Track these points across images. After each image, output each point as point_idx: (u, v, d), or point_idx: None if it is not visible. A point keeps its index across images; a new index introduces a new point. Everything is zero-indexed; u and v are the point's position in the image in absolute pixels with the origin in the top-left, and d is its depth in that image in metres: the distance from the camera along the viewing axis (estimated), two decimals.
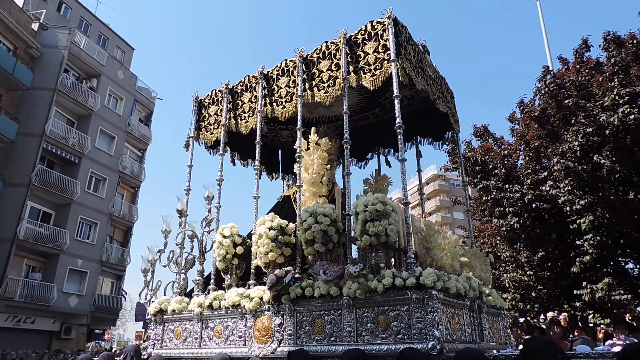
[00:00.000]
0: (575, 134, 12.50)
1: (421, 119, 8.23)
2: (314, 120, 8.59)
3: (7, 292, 21.86)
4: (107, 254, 27.71)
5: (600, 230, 12.76)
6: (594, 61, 13.57)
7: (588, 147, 12.31)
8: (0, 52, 23.12)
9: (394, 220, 5.47)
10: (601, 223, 12.60)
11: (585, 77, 13.16)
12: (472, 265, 6.68)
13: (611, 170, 12.02)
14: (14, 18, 24.60)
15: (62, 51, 26.35)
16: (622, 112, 11.59)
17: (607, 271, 13.16)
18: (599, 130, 12.05)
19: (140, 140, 31.49)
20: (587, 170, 12.43)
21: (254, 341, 6.19)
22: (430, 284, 5.03)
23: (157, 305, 7.64)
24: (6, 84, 23.96)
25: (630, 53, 12.58)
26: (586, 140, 12.26)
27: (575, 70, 13.74)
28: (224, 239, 6.75)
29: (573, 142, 12.45)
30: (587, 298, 13.02)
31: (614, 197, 12.09)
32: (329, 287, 5.53)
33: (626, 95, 11.72)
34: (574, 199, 12.73)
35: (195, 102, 8.90)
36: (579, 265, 13.08)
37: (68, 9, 30.94)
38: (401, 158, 6.06)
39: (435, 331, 4.92)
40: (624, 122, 11.58)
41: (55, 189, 24.68)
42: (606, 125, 11.86)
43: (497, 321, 6.80)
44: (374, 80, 6.41)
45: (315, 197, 6.70)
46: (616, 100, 11.85)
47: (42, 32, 26.53)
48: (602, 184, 12.38)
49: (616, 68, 12.40)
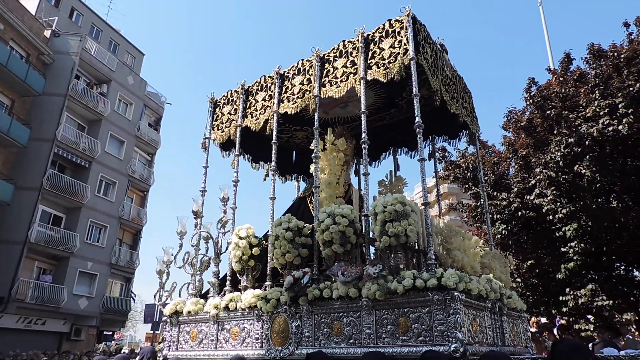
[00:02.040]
0: (558, 144, 12.53)
1: (437, 119, 8.06)
2: (330, 121, 8.46)
3: (18, 293, 21.75)
4: (116, 257, 27.58)
5: (585, 237, 12.77)
6: (577, 73, 13.56)
7: (570, 157, 12.34)
8: (13, 59, 23.08)
9: (413, 221, 5.33)
10: (585, 231, 12.63)
11: (570, 88, 13.17)
12: (491, 267, 6.52)
13: (592, 180, 12.07)
14: (27, 26, 24.61)
15: (73, 58, 26.29)
16: (602, 123, 11.64)
17: (591, 277, 13.22)
18: (579, 140, 12.09)
19: (149, 144, 31.39)
20: (569, 180, 12.48)
21: (271, 343, 6.04)
22: (452, 285, 4.88)
23: (172, 306, 7.51)
24: (19, 90, 23.94)
25: (611, 65, 12.65)
26: (568, 150, 12.30)
27: (559, 83, 13.75)
28: (240, 240, 6.63)
29: (555, 153, 12.50)
30: (572, 304, 13.18)
31: (595, 206, 12.11)
32: (347, 289, 5.39)
33: (606, 107, 11.74)
34: (557, 208, 12.80)
35: (211, 102, 8.80)
36: (564, 272, 13.10)
37: (80, 16, 30.94)
38: (420, 157, 5.91)
39: (458, 333, 4.77)
40: (603, 133, 11.61)
41: (66, 192, 24.62)
42: (586, 136, 11.91)
43: (518, 324, 6.63)
44: (387, 74, 6.27)
45: (332, 198, 6.57)
46: (597, 112, 11.89)
47: (54, 39, 26.50)
48: (584, 193, 12.42)
49: (597, 80, 12.43)
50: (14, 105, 24.07)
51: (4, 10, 23.10)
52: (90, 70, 27.65)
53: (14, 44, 24.07)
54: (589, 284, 12.92)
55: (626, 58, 12.40)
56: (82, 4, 31.44)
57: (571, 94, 13.02)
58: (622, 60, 12.47)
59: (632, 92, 11.50)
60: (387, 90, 7.43)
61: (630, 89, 11.55)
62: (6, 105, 23.83)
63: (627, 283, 13.25)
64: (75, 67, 26.17)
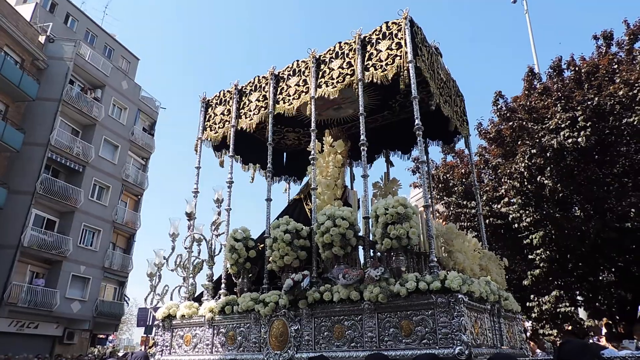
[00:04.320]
0: (523, 155, 12.62)
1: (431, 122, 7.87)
2: (322, 123, 8.20)
3: (11, 297, 21.30)
4: (109, 261, 27.05)
5: (550, 245, 12.81)
6: (541, 87, 13.67)
7: (534, 168, 12.46)
8: (7, 64, 22.67)
9: (415, 223, 5.11)
10: (551, 238, 12.68)
11: (536, 101, 13.28)
12: (488, 269, 6.31)
13: (553, 190, 12.17)
14: (21, 32, 24.23)
15: (67, 63, 25.87)
16: (562, 135, 11.77)
17: (557, 284, 13.31)
18: (541, 152, 12.21)
19: (143, 149, 30.87)
20: (532, 190, 12.59)
21: (269, 347, 5.77)
22: (456, 287, 4.67)
23: (165, 310, 7.19)
24: (12, 96, 23.55)
25: (572, 79, 12.92)
26: (533, 161, 12.40)
27: (524, 96, 13.94)
28: (237, 243, 6.34)
29: (520, 164, 12.62)
30: (537, 310, 13.36)
31: (558, 215, 12.16)
32: (349, 292, 5.15)
33: (567, 120, 11.88)
34: (521, 216, 12.89)
35: (203, 102, 8.50)
36: (530, 279, 13.13)
37: (75, 21, 30.47)
38: (421, 160, 5.71)
39: (463, 336, 4.55)
40: (564, 145, 11.74)
41: (59, 197, 24.16)
42: (547, 148, 12.02)
43: (513, 326, 6.44)
44: (384, 76, 6.07)
45: (330, 200, 6.33)
46: (559, 124, 12.02)
47: (48, 44, 26.08)
48: (547, 203, 12.52)
49: (559, 94, 12.60)
50: (8, 110, 23.65)
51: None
52: (84, 75, 27.23)
53: (9, 49, 23.67)
54: (553, 290, 13.13)
55: (586, 72, 12.66)
56: (77, 9, 31.00)
57: (539, 106, 13.14)
58: (583, 75, 12.72)
59: (590, 105, 11.68)
60: (380, 92, 7.22)
61: (589, 102, 11.74)
62: (0, 110, 23.39)
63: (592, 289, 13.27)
64: (69, 72, 25.78)
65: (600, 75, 12.41)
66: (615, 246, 11.76)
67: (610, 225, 11.50)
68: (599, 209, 11.97)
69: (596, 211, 12.02)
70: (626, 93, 11.51)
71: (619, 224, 11.50)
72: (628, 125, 11.48)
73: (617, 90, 11.64)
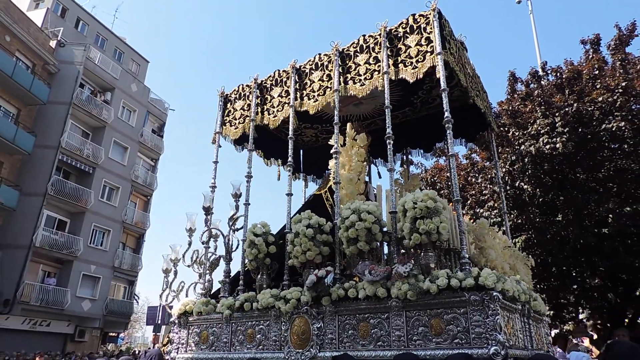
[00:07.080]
0: (504, 161, 12.42)
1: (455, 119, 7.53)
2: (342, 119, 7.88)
3: (23, 296, 21.19)
4: (119, 260, 26.75)
5: (533, 249, 12.57)
6: (523, 93, 13.45)
7: (515, 173, 12.30)
8: (19, 69, 22.45)
9: (445, 218, 4.76)
10: (533, 242, 12.51)
11: (518, 106, 13.08)
12: (516, 268, 5.95)
13: (532, 195, 11.99)
14: (32, 37, 24.00)
15: (77, 67, 25.60)
16: (541, 141, 11.62)
17: (540, 288, 13.04)
18: (520, 158, 12.04)
19: (152, 150, 30.53)
20: (512, 195, 12.41)
21: (290, 345, 5.42)
22: (491, 285, 4.33)
23: (181, 307, 6.84)
24: (24, 100, 23.34)
25: (553, 85, 12.72)
26: (513, 167, 12.23)
27: (507, 100, 13.75)
28: (256, 238, 5.99)
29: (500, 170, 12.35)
30: None
31: (539, 219, 12.01)
32: (375, 288, 4.80)
33: (547, 126, 11.72)
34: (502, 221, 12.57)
35: (221, 97, 8.14)
36: None
37: (85, 26, 30.17)
38: (451, 154, 5.35)
39: (499, 335, 4.21)
40: (541, 151, 11.55)
41: (70, 198, 23.94)
42: (525, 154, 11.86)
43: (540, 327, 6.08)
44: (415, 73, 5.73)
45: (353, 195, 5.98)
46: (539, 130, 11.85)
47: (59, 49, 25.81)
48: (527, 207, 12.36)
49: (540, 99, 12.42)
50: (20, 114, 23.47)
51: (10, 22, 22.53)
52: (94, 78, 26.96)
53: (20, 54, 23.51)
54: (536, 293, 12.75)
55: (567, 78, 12.43)
56: (88, 14, 30.69)
57: (522, 110, 12.90)
58: (564, 80, 12.49)
59: (569, 111, 11.48)
60: (403, 88, 6.88)
61: (567, 108, 11.53)
62: (12, 114, 23.19)
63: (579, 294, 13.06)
64: (79, 76, 25.51)
65: (582, 81, 12.15)
66: (595, 251, 11.48)
67: (590, 231, 11.23)
68: (579, 214, 11.68)
69: (576, 216, 11.74)
70: (605, 99, 11.25)
71: (597, 230, 11.22)
72: (607, 132, 11.16)
73: (598, 96, 11.39)
